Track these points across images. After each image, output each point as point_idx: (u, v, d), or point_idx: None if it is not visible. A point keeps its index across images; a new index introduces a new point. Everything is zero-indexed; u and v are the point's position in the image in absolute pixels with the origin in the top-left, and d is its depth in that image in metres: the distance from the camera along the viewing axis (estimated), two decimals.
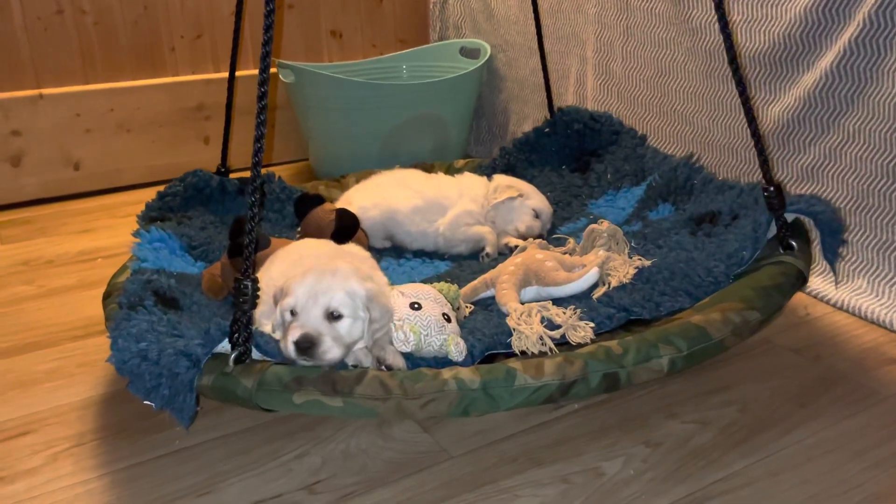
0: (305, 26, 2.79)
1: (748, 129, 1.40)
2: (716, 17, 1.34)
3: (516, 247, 1.71)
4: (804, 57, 1.68)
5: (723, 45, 1.35)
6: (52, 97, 2.39)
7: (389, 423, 1.26)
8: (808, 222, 1.52)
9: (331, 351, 1.14)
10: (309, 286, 1.18)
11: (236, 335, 1.13)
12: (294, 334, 1.14)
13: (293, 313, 1.18)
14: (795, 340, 1.50)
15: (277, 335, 1.22)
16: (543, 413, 1.28)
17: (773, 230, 1.46)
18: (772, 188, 1.41)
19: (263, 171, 1.98)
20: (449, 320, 1.28)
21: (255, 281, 1.13)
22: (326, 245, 1.48)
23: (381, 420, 1.27)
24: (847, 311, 1.59)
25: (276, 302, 1.24)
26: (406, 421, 1.27)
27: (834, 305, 1.62)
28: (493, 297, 1.49)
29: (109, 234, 2.17)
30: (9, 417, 1.32)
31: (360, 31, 2.90)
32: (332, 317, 1.17)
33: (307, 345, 1.13)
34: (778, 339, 1.50)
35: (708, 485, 1.11)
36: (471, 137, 2.79)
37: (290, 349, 1.14)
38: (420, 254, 1.87)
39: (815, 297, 1.66)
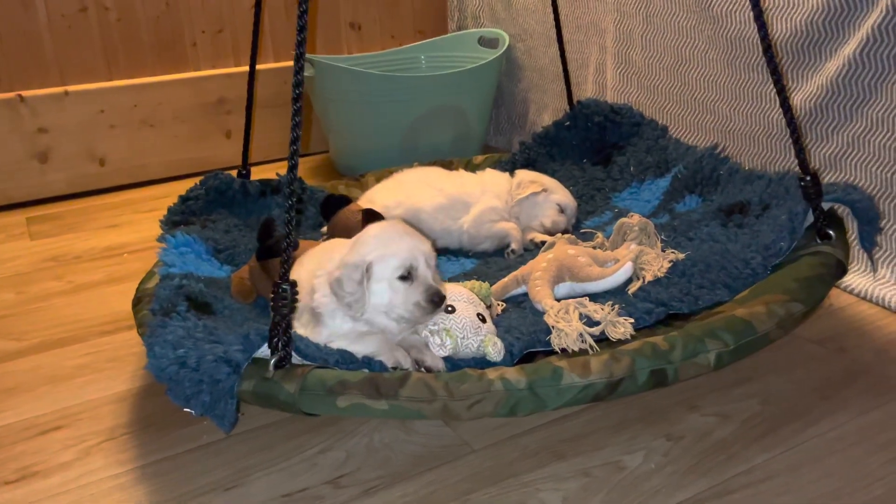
0: (324, 19, 2.80)
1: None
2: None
3: (542, 242, 1.70)
4: (827, 44, 1.66)
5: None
6: (77, 94, 2.43)
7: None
8: (843, 211, 1.49)
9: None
10: (409, 250, 1.23)
11: (276, 340, 1.12)
12: (428, 293, 1.22)
13: (404, 278, 1.23)
14: (818, 331, 1.49)
15: (347, 314, 1.24)
16: (564, 407, 1.29)
17: (806, 220, 1.44)
18: (808, 178, 1.39)
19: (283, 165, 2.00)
20: (484, 320, 1.28)
21: (294, 284, 1.12)
22: None
23: None
24: (871, 301, 1.58)
25: (332, 290, 1.23)
26: None
27: (857, 295, 1.61)
28: (525, 294, 1.47)
29: (134, 229, 2.21)
30: (42, 412, 1.35)
31: (378, 22, 2.90)
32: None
33: (439, 298, 1.22)
34: (800, 330, 1.49)
35: (729, 478, 1.11)
36: (490, 127, 2.79)
37: (425, 306, 1.22)
38: (444, 251, 1.85)
39: (838, 287, 1.64)
